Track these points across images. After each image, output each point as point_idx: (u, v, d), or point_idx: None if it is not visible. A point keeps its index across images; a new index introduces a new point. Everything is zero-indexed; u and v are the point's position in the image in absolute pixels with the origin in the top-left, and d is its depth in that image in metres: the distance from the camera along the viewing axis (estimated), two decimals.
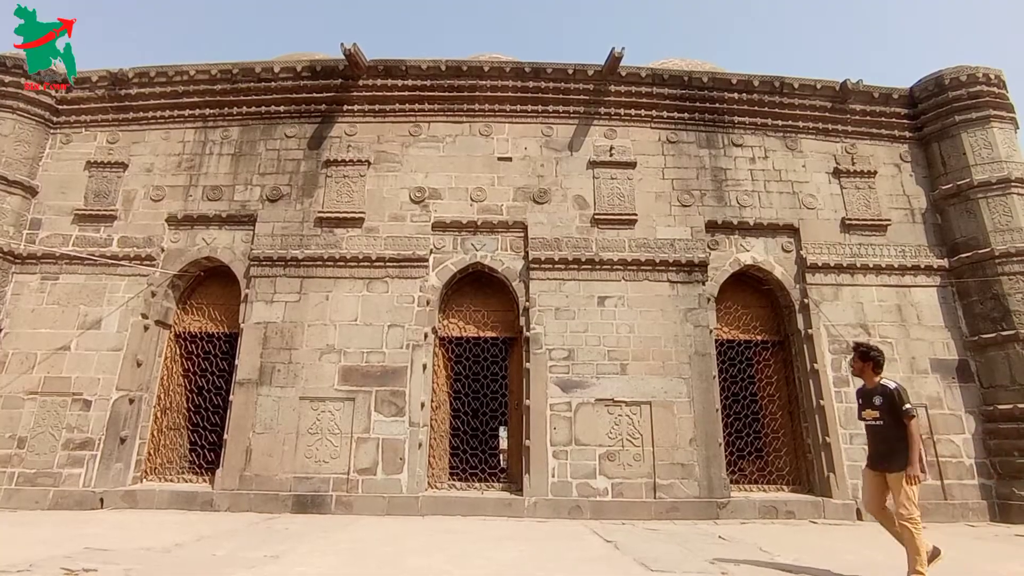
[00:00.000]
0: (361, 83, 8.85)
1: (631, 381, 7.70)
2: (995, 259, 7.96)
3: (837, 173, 8.84)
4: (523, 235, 8.37)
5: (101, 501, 7.20)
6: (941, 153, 8.84)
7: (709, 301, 8.13)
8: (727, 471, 7.61)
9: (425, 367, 7.83)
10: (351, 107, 8.93)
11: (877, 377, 4.36)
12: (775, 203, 8.64)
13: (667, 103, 8.97)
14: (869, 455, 4.39)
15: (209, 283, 8.69)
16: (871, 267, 8.33)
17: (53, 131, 8.98)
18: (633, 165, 8.68)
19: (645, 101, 8.95)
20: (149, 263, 8.17)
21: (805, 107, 9.01)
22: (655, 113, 8.98)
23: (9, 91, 8.57)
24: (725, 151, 8.90)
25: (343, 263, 8.15)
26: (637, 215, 8.42)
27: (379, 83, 8.87)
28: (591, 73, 8.80)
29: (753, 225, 8.49)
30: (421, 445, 7.53)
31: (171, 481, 7.88)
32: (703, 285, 8.16)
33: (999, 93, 8.76)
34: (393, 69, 8.84)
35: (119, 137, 8.93)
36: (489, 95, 8.89)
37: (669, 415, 7.57)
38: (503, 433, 11.69)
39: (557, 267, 8.14)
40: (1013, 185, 8.21)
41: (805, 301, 8.16)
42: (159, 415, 8.14)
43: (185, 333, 8.55)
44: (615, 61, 8.49)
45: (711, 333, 8.01)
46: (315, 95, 8.93)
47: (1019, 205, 8.16)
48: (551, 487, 7.28)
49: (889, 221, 8.62)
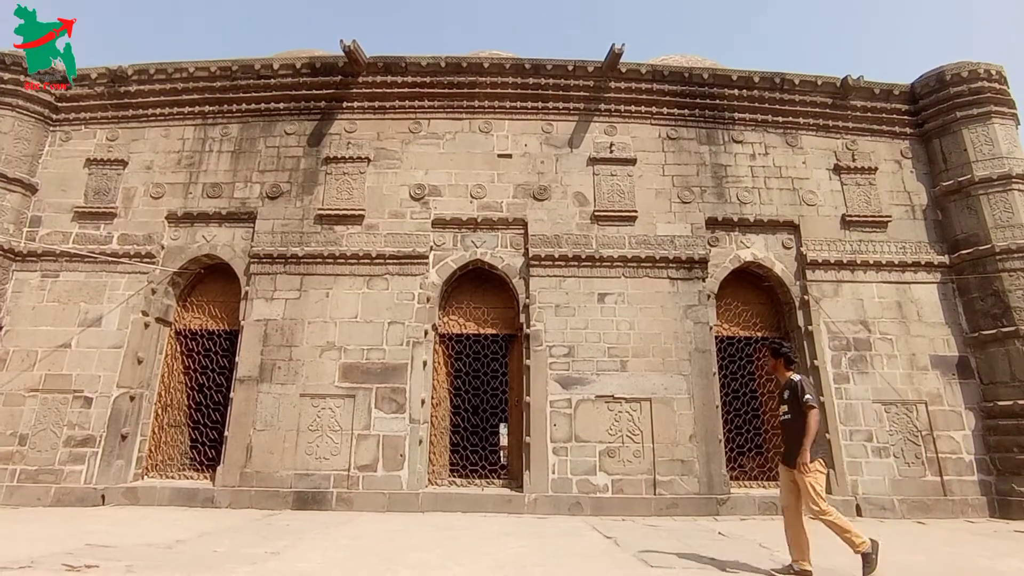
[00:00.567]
0: (361, 80, 8.84)
1: (631, 378, 7.71)
2: (996, 255, 7.95)
3: (837, 169, 8.82)
4: (523, 232, 8.36)
5: (103, 498, 7.22)
6: (942, 149, 8.83)
7: (709, 298, 8.13)
8: (727, 467, 7.62)
9: (425, 364, 7.83)
10: (351, 104, 8.92)
11: (789, 372, 4.39)
12: (775, 200, 8.63)
13: (667, 99, 8.95)
14: (783, 452, 4.40)
15: (209, 280, 8.70)
16: (871, 264, 8.32)
17: (52, 128, 8.97)
18: (633, 162, 8.67)
19: (645, 98, 8.93)
20: (149, 260, 8.18)
21: (805, 103, 8.99)
22: (655, 110, 8.96)
23: (8, 88, 8.56)
24: (725, 147, 8.88)
25: (343, 260, 8.15)
26: (637, 212, 8.41)
27: (379, 80, 8.86)
28: (591, 69, 8.78)
29: (753, 222, 8.48)
30: (421, 442, 7.54)
31: (172, 478, 7.90)
32: (703, 282, 8.16)
33: (1000, 89, 8.74)
34: (393, 66, 8.82)
35: (119, 134, 8.92)
36: (489, 92, 8.87)
37: (669, 412, 7.58)
38: (503, 430, 11.71)
39: (557, 264, 8.14)
40: (1014, 181, 8.20)
41: (805, 298, 8.16)
42: (160, 412, 8.15)
43: (185, 330, 8.56)
44: (615, 57, 8.47)
45: (711, 330, 8.01)
46: (315, 92, 8.92)
47: (1020, 201, 8.14)
48: (551, 483, 7.29)
49: (890, 217, 8.60)
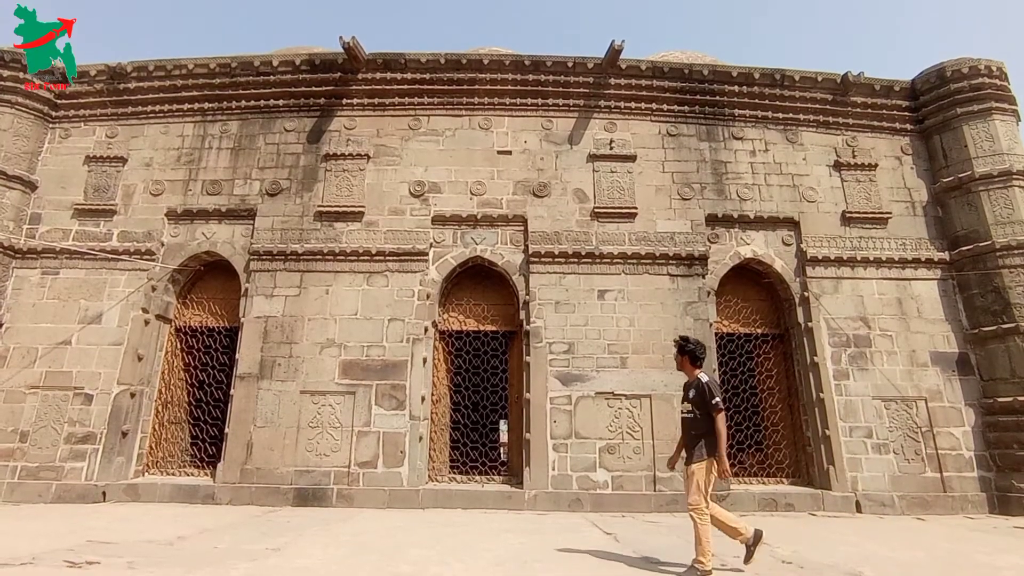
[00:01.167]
0: (360, 77, 8.82)
1: (631, 374, 7.71)
2: (996, 252, 7.94)
3: (838, 166, 8.81)
4: (523, 229, 8.36)
5: (103, 494, 7.24)
6: (942, 146, 8.81)
7: (709, 294, 8.13)
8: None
9: (425, 361, 7.84)
10: (350, 101, 8.91)
11: (695, 370, 4.35)
12: (775, 196, 8.62)
13: (667, 96, 8.94)
14: (685, 450, 4.35)
15: (209, 277, 8.70)
16: (871, 260, 8.32)
17: (52, 125, 8.96)
18: (633, 158, 8.66)
19: (645, 94, 8.92)
20: (149, 257, 8.17)
21: (806, 100, 8.97)
22: (655, 106, 8.94)
23: (8, 85, 8.55)
24: (725, 144, 8.87)
25: (343, 257, 8.15)
26: (637, 208, 8.40)
27: (378, 76, 8.84)
28: (591, 66, 8.77)
29: (753, 218, 8.47)
30: (421, 438, 7.55)
31: (173, 475, 7.91)
32: (703, 278, 8.16)
33: (1001, 85, 8.72)
34: (392, 62, 8.80)
35: (118, 131, 8.91)
36: (489, 88, 8.85)
37: (669, 408, 7.58)
38: (503, 426, 11.72)
39: (557, 261, 8.14)
40: (1015, 178, 8.18)
41: (805, 294, 8.16)
42: (160, 409, 8.16)
43: (185, 327, 8.56)
44: (615, 54, 8.45)
45: (711, 326, 8.02)
46: (314, 89, 8.90)
47: (1020, 198, 8.13)
48: (551, 480, 7.30)
49: (890, 214, 8.59)
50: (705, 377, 4.25)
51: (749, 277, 8.72)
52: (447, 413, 8.43)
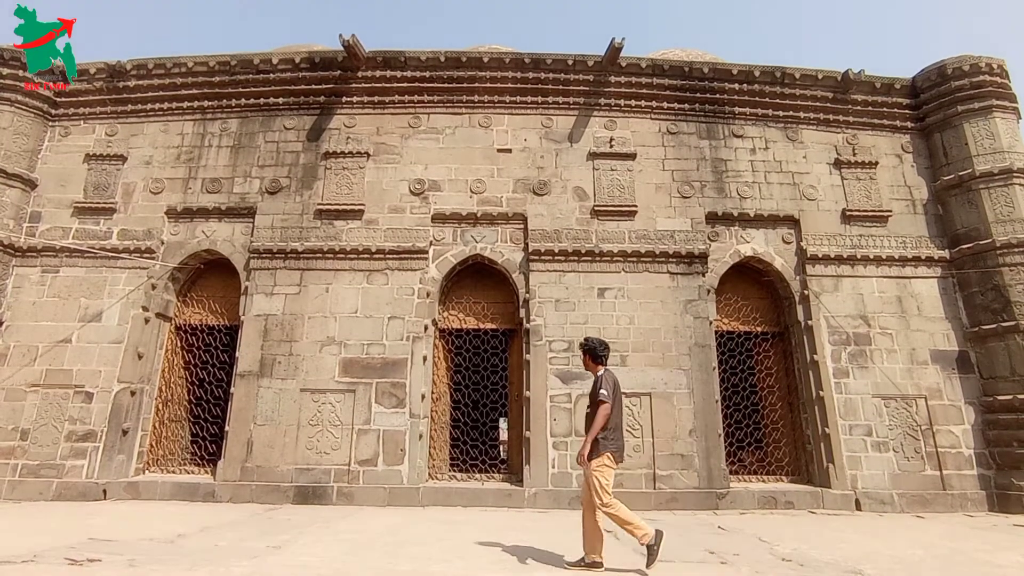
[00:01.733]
0: (360, 75, 8.81)
1: (631, 372, 7.71)
2: (996, 250, 7.94)
3: (838, 164, 8.80)
4: (523, 227, 8.35)
5: (104, 492, 7.25)
6: (943, 143, 8.80)
7: (709, 292, 8.13)
8: (726, 462, 7.64)
9: (425, 359, 7.84)
10: (350, 99, 8.89)
11: (597, 368, 4.34)
12: (775, 194, 8.61)
13: (667, 94, 8.93)
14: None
15: (209, 276, 8.70)
16: (872, 258, 8.31)
17: (52, 124, 8.95)
18: (633, 156, 8.65)
19: (645, 92, 8.91)
20: (149, 256, 8.17)
21: (806, 97, 8.96)
22: (655, 104, 8.93)
23: (7, 83, 8.54)
24: (725, 142, 8.86)
25: (343, 255, 8.14)
26: (637, 206, 8.40)
27: (378, 75, 8.83)
28: (591, 64, 8.75)
29: (753, 216, 8.47)
30: (422, 436, 7.56)
31: (173, 472, 7.93)
32: (703, 276, 8.16)
33: (1002, 83, 8.70)
34: (392, 60, 8.79)
35: (118, 130, 8.90)
36: (489, 86, 8.84)
37: (669, 406, 7.59)
38: (503, 424, 11.74)
39: (557, 259, 8.13)
40: (1015, 176, 8.17)
41: (805, 292, 8.16)
42: (160, 407, 8.17)
43: (186, 325, 8.56)
44: (615, 52, 8.43)
45: (711, 324, 8.02)
46: (314, 87, 8.89)
47: (1021, 196, 8.12)
48: (551, 478, 7.31)
49: (890, 212, 8.59)
50: (600, 373, 4.23)
51: (749, 275, 8.71)
52: (447, 411, 8.44)
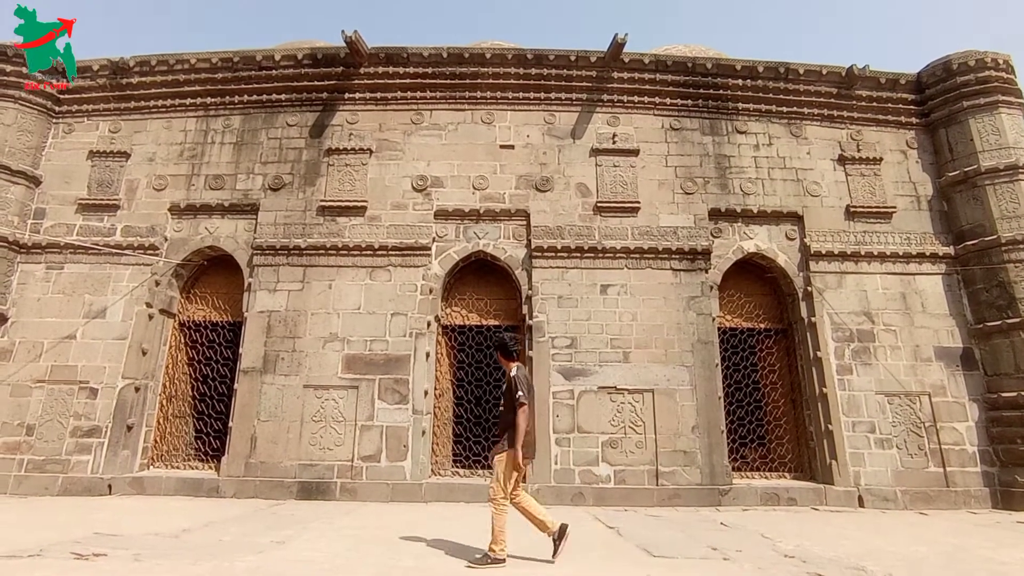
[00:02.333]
0: (363, 71, 8.80)
1: (633, 369, 7.72)
2: (1002, 246, 7.90)
3: (842, 160, 8.76)
4: (525, 223, 8.35)
5: (109, 487, 7.29)
6: (948, 139, 8.75)
7: (712, 289, 8.11)
8: (729, 458, 7.64)
9: (428, 355, 7.85)
10: (352, 95, 8.89)
11: (510, 364, 4.36)
12: (779, 190, 8.58)
13: (670, 90, 8.89)
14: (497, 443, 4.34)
15: (212, 272, 8.72)
16: (875, 255, 8.28)
17: (55, 120, 8.97)
18: (636, 152, 8.63)
19: (648, 88, 8.87)
20: (152, 252, 8.20)
21: (810, 93, 8.92)
22: (658, 100, 8.90)
23: (11, 80, 8.55)
24: (729, 138, 8.83)
25: (346, 252, 8.15)
26: (640, 203, 8.38)
27: (380, 71, 8.82)
28: (594, 59, 8.72)
29: (757, 213, 8.44)
30: (424, 432, 7.58)
31: (177, 468, 7.97)
32: (706, 273, 8.14)
33: (1007, 78, 8.64)
34: (394, 56, 8.77)
35: (121, 126, 8.92)
36: (491, 82, 8.82)
37: (671, 403, 7.59)
38: None
39: (560, 255, 8.13)
40: (1021, 172, 8.12)
41: (808, 289, 8.14)
42: (164, 403, 8.21)
43: (189, 322, 8.59)
44: (618, 47, 8.40)
45: (714, 321, 8.01)
46: (316, 83, 8.88)
47: None
48: (554, 474, 7.33)
49: (894, 208, 8.55)
50: (515, 372, 4.23)
51: (752, 272, 8.69)
52: (450, 407, 8.45)
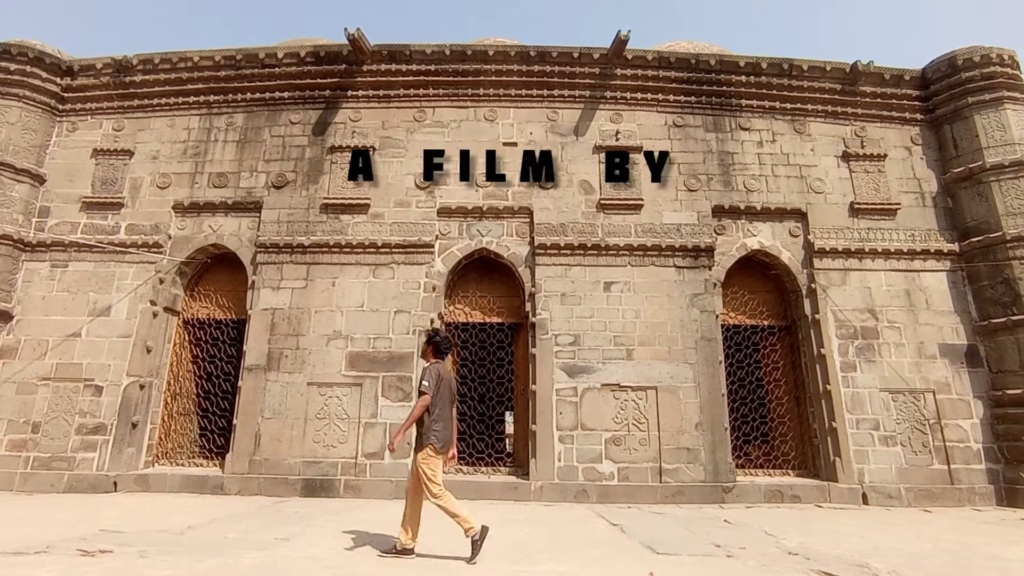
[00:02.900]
0: (365, 68, 8.79)
1: (637, 366, 7.71)
2: (1007, 243, 7.87)
3: (846, 156, 8.73)
4: (529, 221, 8.34)
5: (115, 484, 7.33)
6: (953, 135, 8.71)
7: (715, 286, 8.10)
8: (733, 456, 7.63)
9: None
10: (355, 93, 8.89)
11: (433, 361, 4.39)
12: (783, 187, 8.55)
13: (674, 87, 8.86)
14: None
15: (216, 270, 8.74)
16: (880, 252, 8.25)
17: (59, 119, 8.99)
18: (639, 150, 8.61)
19: (651, 85, 8.85)
20: (156, 250, 8.22)
21: (814, 90, 8.88)
22: (661, 97, 8.87)
23: (15, 79, 8.57)
24: (732, 135, 8.80)
25: (349, 249, 8.16)
26: (643, 200, 8.37)
27: (383, 68, 8.81)
28: (597, 56, 8.70)
29: (760, 210, 8.42)
30: None
31: (182, 465, 8.00)
32: (709, 270, 8.13)
33: (1013, 74, 8.60)
34: (397, 54, 8.77)
35: (124, 125, 8.94)
36: (494, 80, 8.81)
37: (675, 400, 7.59)
38: (509, 418, 11.76)
39: (563, 253, 8.12)
40: None
41: (812, 286, 8.12)
42: (169, 400, 8.24)
43: (193, 320, 8.61)
44: (621, 44, 8.38)
45: (717, 318, 7.99)
46: (319, 81, 8.88)
47: None
48: (557, 471, 7.33)
49: (899, 205, 8.52)
50: (428, 364, 4.29)
51: (756, 269, 8.67)
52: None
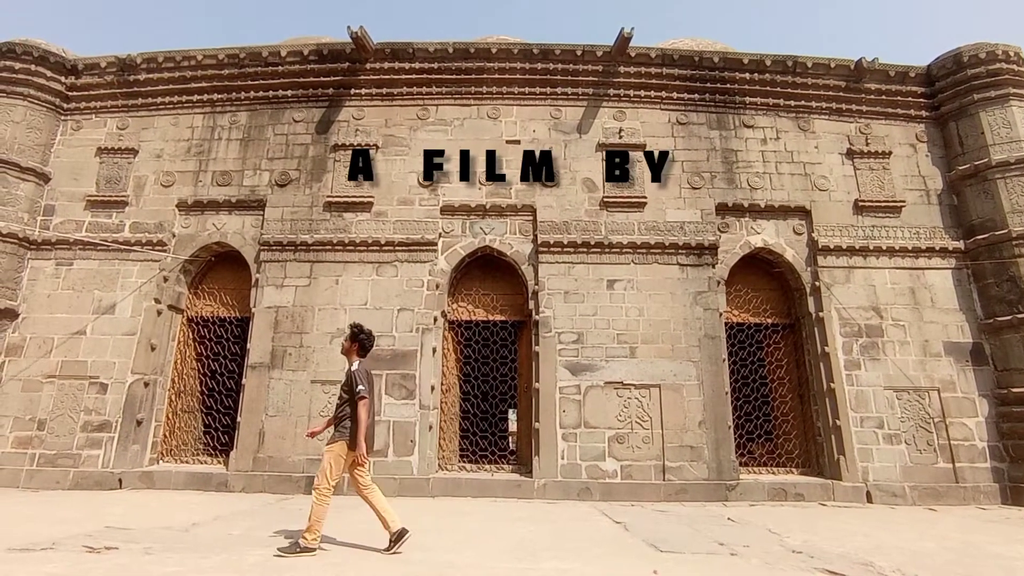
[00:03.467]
0: (368, 67, 8.80)
1: (640, 364, 7.70)
2: (1012, 240, 7.83)
3: (850, 154, 8.70)
4: (532, 218, 8.33)
5: (120, 482, 7.36)
6: (958, 132, 8.66)
7: (719, 284, 8.09)
8: (736, 454, 7.62)
9: (435, 350, 7.87)
10: (358, 91, 8.89)
11: (354, 359, 4.51)
12: (787, 185, 8.53)
13: (677, 84, 8.84)
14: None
15: (220, 268, 8.76)
16: (884, 249, 8.22)
17: (64, 118, 9.02)
18: (643, 147, 8.59)
19: (655, 82, 8.83)
20: (160, 248, 8.25)
21: (818, 87, 8.85)
22: (665, 94, 8.85)
23: (20, 78, 8.61)
24: (736, 132, 8.78)
25: (352, 247, 8.17)
26: (647, 198, 8.35)
27: (386, 66, 8.81)
28: (600, 54, 8.68)
29: (764, 207, 8.39)
30: (431, 427, 7.60)
31: (187, 463, 8.03)
32: (713, 268, 8.11)
33: (1019, 71, 8.54)
34: (400, 52, 8.77)
35: (129, 123, 8.96)
36: (497, 77, 8.80)
37: (678, 398, 7.58)
38: (512, 416, 11.77)
39: (566, 250, 8.12)
40: None
41: (816, 284, 8.09)
42: (174, 398, 8.27)
43: (197, 317, 8.64)
44: (624, 42, 8.36)
45: (721, 316, 7.98)
46: (322, 79, 8.89)
47: None
48: (560, 469, 7.33)
49: (904, 202, 8.48)
50: (355, 366, 4.41)
51: (759, 267, 8.65)
52: (456, 402, 8.47)
